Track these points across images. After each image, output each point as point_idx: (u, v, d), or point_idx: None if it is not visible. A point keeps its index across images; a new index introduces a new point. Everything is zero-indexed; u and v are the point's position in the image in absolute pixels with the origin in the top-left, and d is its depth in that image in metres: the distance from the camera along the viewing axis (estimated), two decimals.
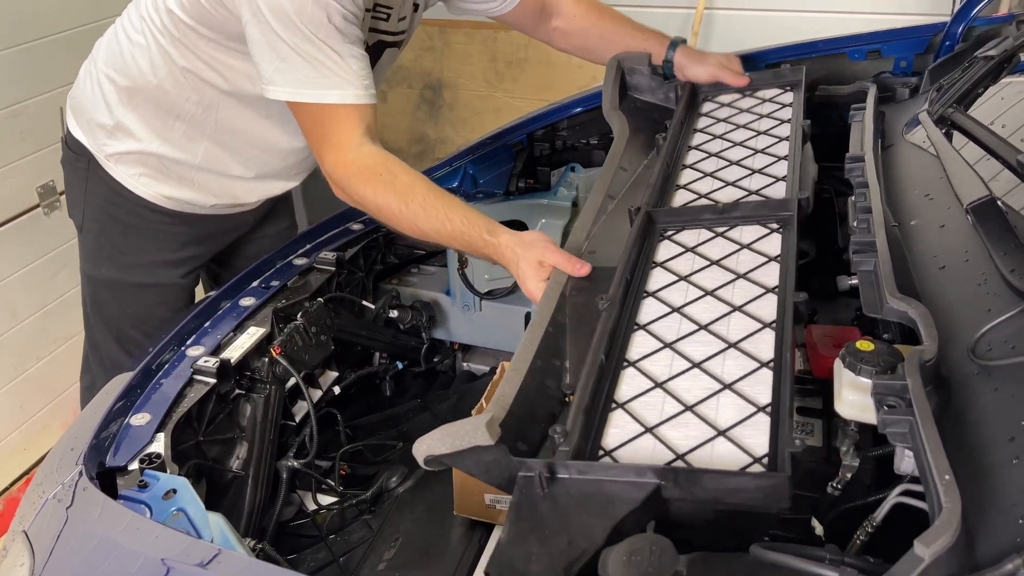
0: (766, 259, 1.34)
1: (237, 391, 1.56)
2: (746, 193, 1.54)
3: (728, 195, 1.55)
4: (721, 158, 1.71)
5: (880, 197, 1.26)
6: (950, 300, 1.02)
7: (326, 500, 1.69)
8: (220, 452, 1.52)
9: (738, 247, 1.40)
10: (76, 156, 1.85)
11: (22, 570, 1.09)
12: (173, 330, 1.59)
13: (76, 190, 1.89)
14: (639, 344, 1.24)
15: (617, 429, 1.09)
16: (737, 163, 1.67)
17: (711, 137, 1.81)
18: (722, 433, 1.03)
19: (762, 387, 1.09)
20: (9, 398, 2.81)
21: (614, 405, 1.13)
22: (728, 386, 1.11)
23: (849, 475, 1.06)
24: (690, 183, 1.64)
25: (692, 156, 1.75)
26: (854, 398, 0.94)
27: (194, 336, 1.60)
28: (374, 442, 1.89)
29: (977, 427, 0.83)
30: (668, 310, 1.30)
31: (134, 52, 1.70)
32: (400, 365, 2.06)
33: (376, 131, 1.59)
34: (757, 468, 0.97)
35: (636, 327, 1.28)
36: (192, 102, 1.72)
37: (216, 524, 1.11)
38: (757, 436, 1.01)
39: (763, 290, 1.27)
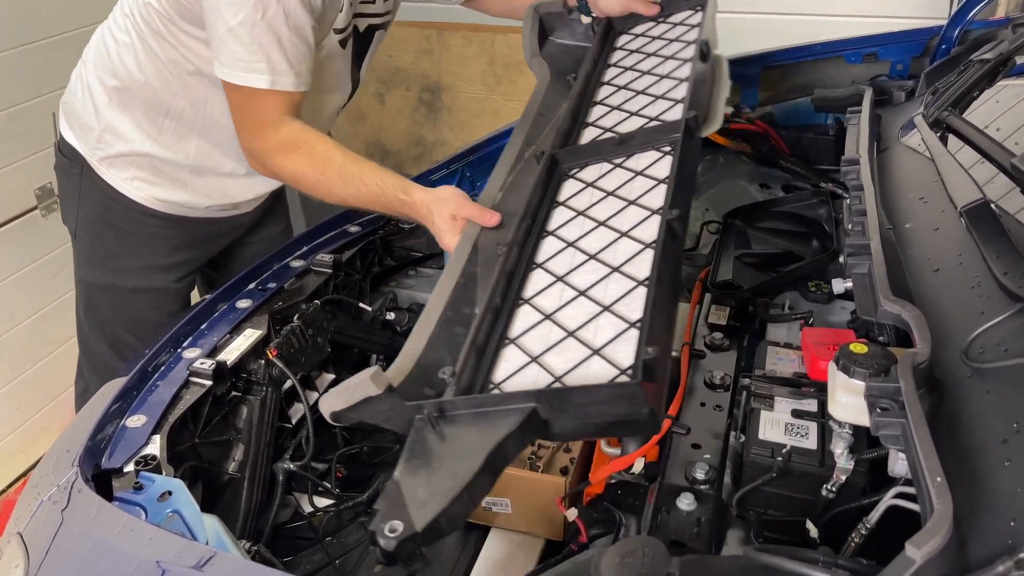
0: (655, 182, 1.39)
1: (233, 393, 1.56)
2: (647, 120, 1.57)
3: (632, 125, 1.58)
4: (629, 89, 1.72)
5: (875, 200, 1.26)
6: (944, 303, 1.02)
7: (322, 502, 1.69)
8: (216, 454, 1.51)
9: (633, 175, 1.45)
10: (69, 161, 1.84)
11: (17, 572, 1.09)
12: (169, 332, 1.59)
13: (70, 195, 1.88)
14: (535, 282, 1.32)
15: (507, 363, 1.16)
16: (643, 92, 1.68)
17: (622, 70, 1.81)
18: (596, 352, 1.09)
19: (636, 304, 1.15)
20: (7, 400, 2.81)
21: (506, 341, 1.20)
22: (607, 308, 1.17)
23: (843, 478, 1.06)
24: (598, 119, 1.66)
25: (603, 92, 1.76)
26: (848, 400, 0.94)
27: (190, 338, 1.60)
28: (371, 444, 1.89)
29: (970, 429, 0.83)
30: (563, 246, 1.36)
31: (120, 51, 1.71)
32: None
33: (299, 108, 1.61)
34: (623, 379, 1.02)
35: (534, 266, 1.35)
36: (180, 97, 1.72)
37: (212, 526, 1.11)
38: (627, 350, 1.07)
39: (648, 212, 1.33)
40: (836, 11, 3.36)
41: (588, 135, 1.63)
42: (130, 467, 1.26)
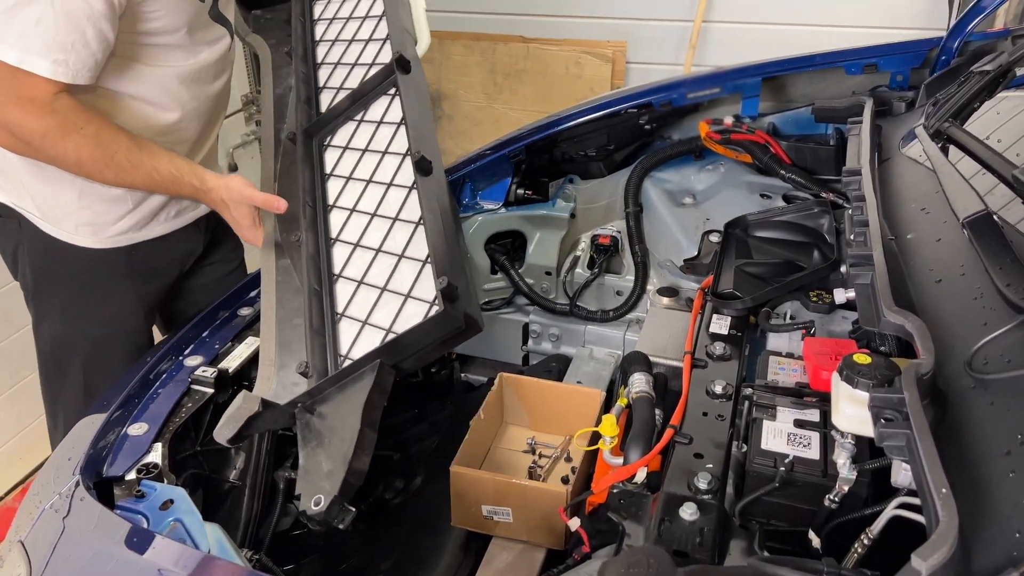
0: (395, 125, 1.53)
1: None
2: (367, 67, 1.66)
3: (357, 76, 1.67)
4: (341, 41, 1.78)
5: (877, 210, 1.26)
6: (947, 313, 1.02)
7: None
8: (217, 462, 1.51)
9: (375, 125, 1.59)
10: (4, 219, 1.70)
11: None
12: (172, 341, 1.59)
13: (12, 253, 1.75)
14: (338, 256, 1.46)
15: (346, 335, 1.34)
16: (353, 39, 1.76)
17: (329, 20, 1.86)
18: (407, 297, 1.29)
19: (420, 243, 1.33)
20: (5, 407, 2.80)
21: (338, 317, 1.37)
22: (401, 256, 1.36)
23: (846, 488, 1.06)
24: (328, 80, 1.74)
25: (321, 50, 1.81)
26: (851, 411, 0.94)
27: (192, 346, 1.60)
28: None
29: (973, 441, 0.83)
30: (348, 214, 1.50)
31: None
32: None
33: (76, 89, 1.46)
34: (433, 310, 1.23)
35: (332, 241, 1.49)
36: None
37: (213, 535, 1.11)
38: (428, 285, 1.27)
39: (400, 156, 1.49)
40: (835, 21, 3.38)
41: (326, 99, 1.72)
42: (132, 475, 1.26)
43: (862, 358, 0.96)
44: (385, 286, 1.34)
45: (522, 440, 1.75)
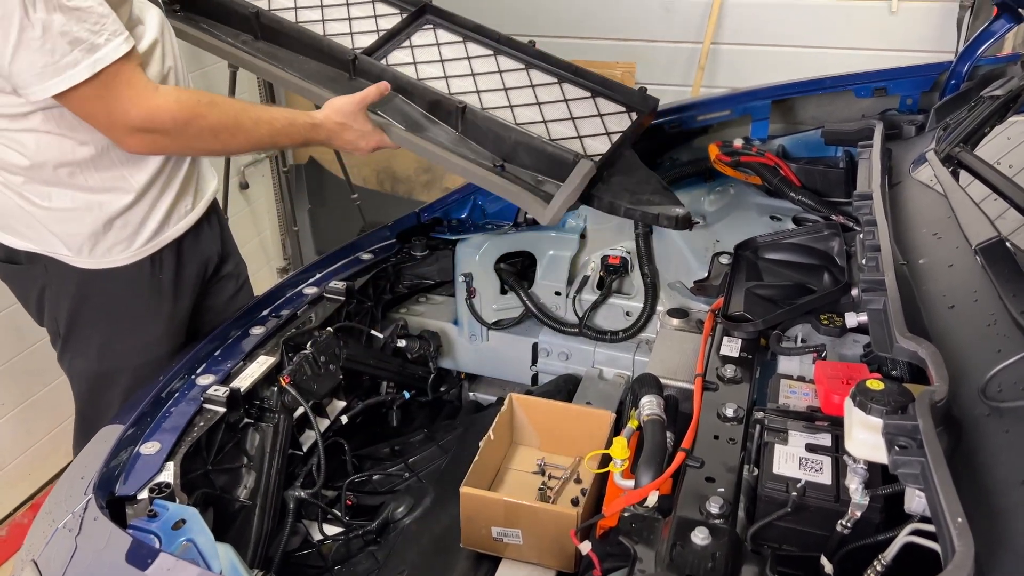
0: (458, 42, 2.05)
1: (246, 420, 1.57)
2: (371, 16, 2.02)
3: (364, 26, 1.99)
4: (311, 8, 2.00)
5: (888, 235, 1.27)
6: (960, 340, 1.02)
7: (332, 530, 1.69)
8: (228, 481, 1.51)
9: (433, 46, 2.00)
10: (26, 267, 1.67)
11: None
12: (183, 360, 1.60)
13: (40, 299, 1.72)
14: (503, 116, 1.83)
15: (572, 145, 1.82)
16: (325, 6, 2.03)
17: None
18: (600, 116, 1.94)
19: (571, 90, 2.02)
20: (16, 423, 2.81)
21: (551, 139, 1.81)
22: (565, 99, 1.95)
23: (858, 513, 1.06)
24: (327, 33, 1.95)
25: (289, 15, 1.97)
26: (865, 437, 0.94)
27: (204, 365, 1.61)
28: (380, 472, 1.89)
29: (989, 469, 0.83)
30: (474, 95, 1.87)
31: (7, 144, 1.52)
32: (407, 395, 2.06)
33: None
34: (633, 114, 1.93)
35: (484, 110, 1.82)
36: (78, 141, 1.54)
37: (226, 555, 1.11)
38: (608, 105, 1.99)
39: (490, 55, 2.03)
40: (846, 44, 3.39)
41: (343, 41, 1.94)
42: (144, 494, 1.26)
43: (875, 384, 0.96)
44: (572, 117, 1.87)
45: (532, 461, 1.75)
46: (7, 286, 1.76)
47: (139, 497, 1.26)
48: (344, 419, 1.84)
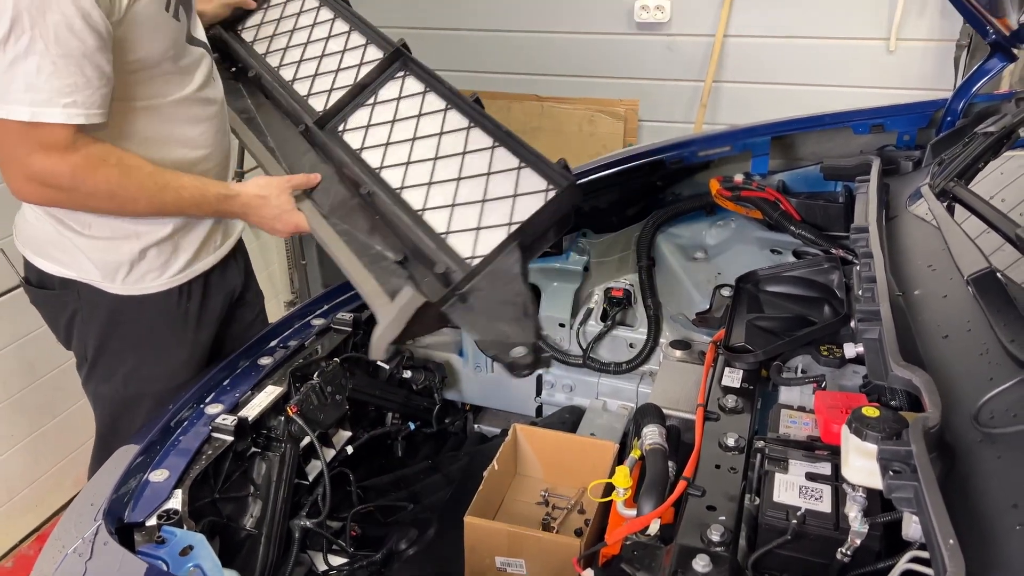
0: (419, 95, 1.80)
1: (253, 449, 1.59)
2: (355, 67, 1.88)
3: (349, 78, 1.88)
4: (308, 61, 1.96)
5: (884, 267, 1.29)
6: (953, 368, 1.04)
7: (336, 561, 1.69)
8: (234, 510, 1.53)
9: (394, 101, 1.81)
10: (59, 292, 1.72)
11: None
12: (192, 389, 1.63)
13: (69, 324, 1.76)
14: (415, 196, 1.64)
15: (464, 244, 1.54)
16: (324, 56, 1.95)
17: (282, 49, 2.02)
18: (515, 196, 1.57)
19: (502, 158, 1.65)
20: (24, 454, 2.82)
21: (444, 235, 1.57)
22: (488, 173, 1.62)
23: (858, 541, 1.07)
24: (311, 90, 1.90)
25: (287, 72, 1.96)
26: (860, 463, 0.96)
27: (213, 394, 1.63)
28: (385, 503, 1.90)
29: (981, 494, 0.85)
30: (403, 168, 1.69)
31: None
32: (412, 426, 2.08)
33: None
34: (552, 192, 1.56)
35: (401, 190, 1.66)
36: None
37: None
38: (534, 182, 1.60)
39: (440, 112, 1.74)
40: (844, 82, 3.46)
41: (317, 103, 1.88)
42: (152, 520, 1.28)
43: (871, 411, 0.98)
44: (484, 199, 1.58)
45: (536, 492, 1.76)
46: (37, 311, 1.82)
47: (148, 524, 1.28)
48: (350, 449, 1.85)
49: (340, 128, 1.82)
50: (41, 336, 2.76)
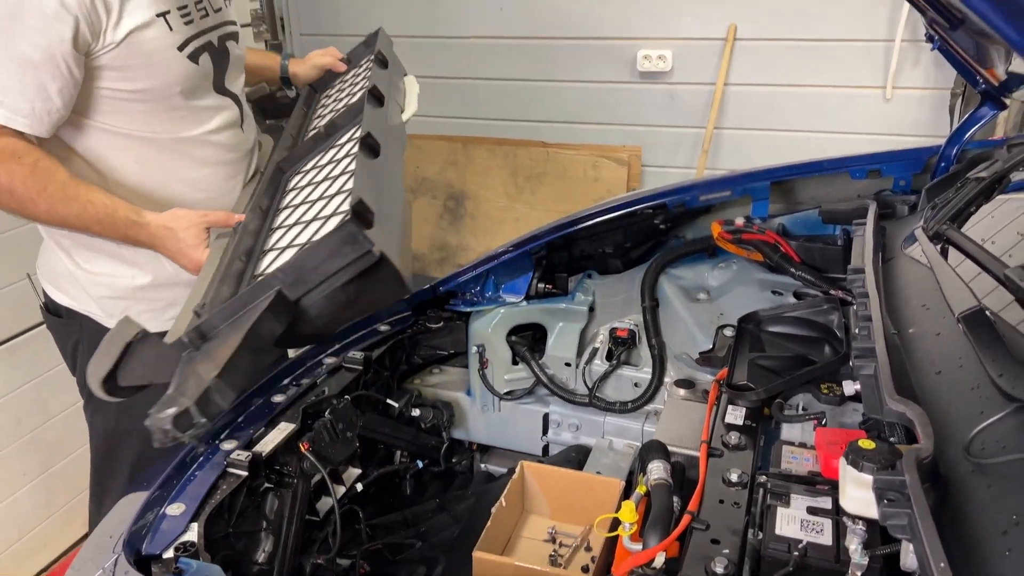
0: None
1: (266, 485, 1.62)
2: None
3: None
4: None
5: (880, 306, 1.34)
6: (946, 402, 1.08)
7: None
8: (247, 544, 1.56)
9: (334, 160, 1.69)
10: (65, 320, 1.84)
11: None
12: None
13: (72, 351, 1.87)
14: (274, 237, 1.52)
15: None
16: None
17: (325, 106, 2.07)
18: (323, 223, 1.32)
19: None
20: (35, 493, 2.85)
21: (258, 277, 1.35)
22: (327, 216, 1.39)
23: (859, 573, 1.10)
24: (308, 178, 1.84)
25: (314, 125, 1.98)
26: (857, 493, 0.99)
27: (227, 430, 1.67)
28: (393, 540, 1.92)
29: (973, 521, 0.88)
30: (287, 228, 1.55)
31: None
32: (420, 464, 2.11)
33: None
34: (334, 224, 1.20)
35: (272, 231, 1.54)
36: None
37: None
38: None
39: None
40: (841, 129, 3.54)
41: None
42: (170, 552, 1.31)
43: (867, 444, 1.02)
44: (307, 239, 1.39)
45: (543, 529, 1.78)
46: (51, 335, 1.92)
47: (165, 556, 1.31)
48: (359, 487, 1.88)
49: (290, 175, 1.80)
50: (55, 375, 2.82)
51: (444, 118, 4.05)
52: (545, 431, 2.22)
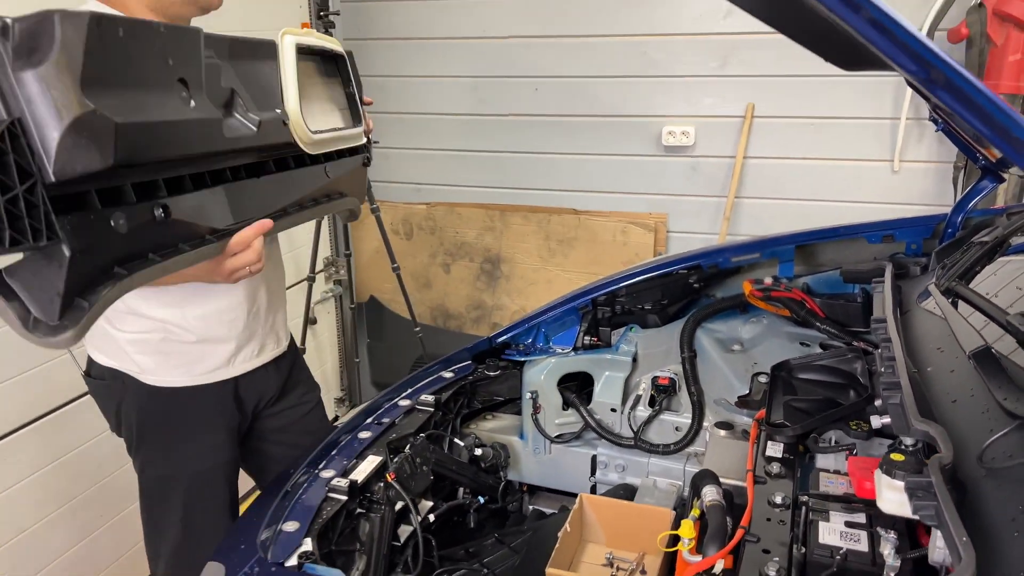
0: None
1: (359, 510, 1.82)
2: None
3: None
4: None
5: (901, 349, 1.57)
6: (961, 424, 1.30)
7: None
8: (345, 562, 1.75)
9: None
10: (107, 383, 1.97)
11: None
12: (309, 456, 1.89)
13: (116, 411, 1.99)
14: None
15: None
16: None
17: None
18: None
19: None
20: (77, 558, 2.98)
21: None
22: None
23: (893, 574, 1.30)
24: None
25: None
26: (892, 496, 1.20)
27: (324, 462, 1.89)
28: (465, 567, 2.10)
29: (987, 513, 1.09)
30: None
31: None
32: (482, 500, 2.30)
33: None
34: None
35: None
36: None
37: None
38: None
39: None
40: (854, 198, 3.81)
41: None
42: (293, 560, 1.52)
43: (897, 456, 1.23)
44: None
45: (600, 555, 1.97)
46: (93, 399, 2.06)
47: (288, 564, 1.52)
48: (432, 517, 2.08)
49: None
50: (103, 439, 2.92)
51: (482, 188, 4.36)
52: (593, 472, 2.41)
